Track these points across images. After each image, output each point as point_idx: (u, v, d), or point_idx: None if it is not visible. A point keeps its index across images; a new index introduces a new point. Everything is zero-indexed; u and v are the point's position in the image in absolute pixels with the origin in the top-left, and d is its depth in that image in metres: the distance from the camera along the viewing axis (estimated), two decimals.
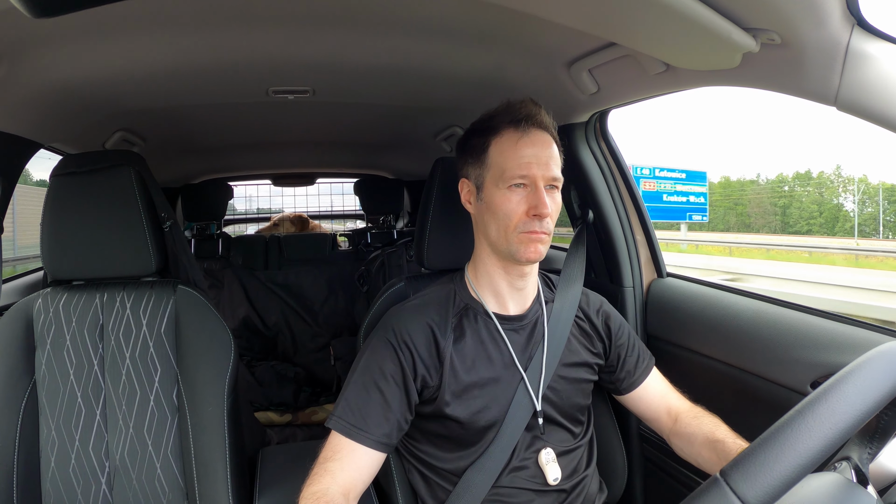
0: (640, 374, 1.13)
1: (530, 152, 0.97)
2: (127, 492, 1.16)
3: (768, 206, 54.76)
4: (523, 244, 0.97)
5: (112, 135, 1.73)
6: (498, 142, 1.00)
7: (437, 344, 1.00)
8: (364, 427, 0.94)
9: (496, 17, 1.09)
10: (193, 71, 1.31)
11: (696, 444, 1.03)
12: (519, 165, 0.96)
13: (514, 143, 0.98)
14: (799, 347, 1.06)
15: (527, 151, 0.97)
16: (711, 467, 0.99)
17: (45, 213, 1.18)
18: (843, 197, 51.40)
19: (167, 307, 1.21)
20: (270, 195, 4.18)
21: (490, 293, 1.06)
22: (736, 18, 0.82)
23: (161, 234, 1.25)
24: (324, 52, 1.24)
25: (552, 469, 1.01)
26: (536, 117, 1.00)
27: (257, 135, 2.22)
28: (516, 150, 0.97)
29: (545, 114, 1.02)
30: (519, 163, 0.96)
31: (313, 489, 0.87)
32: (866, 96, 0.78)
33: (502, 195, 0.97)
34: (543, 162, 0.97)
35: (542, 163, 0.97)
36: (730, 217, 55.99)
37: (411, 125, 2.07)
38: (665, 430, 1.11)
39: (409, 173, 3.06)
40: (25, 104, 1.24)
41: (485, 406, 1.00)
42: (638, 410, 1.15)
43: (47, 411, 1.15)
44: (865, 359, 0.55)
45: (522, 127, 0.98)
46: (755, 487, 0.47)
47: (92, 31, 1.05)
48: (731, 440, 0.97)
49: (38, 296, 1.20)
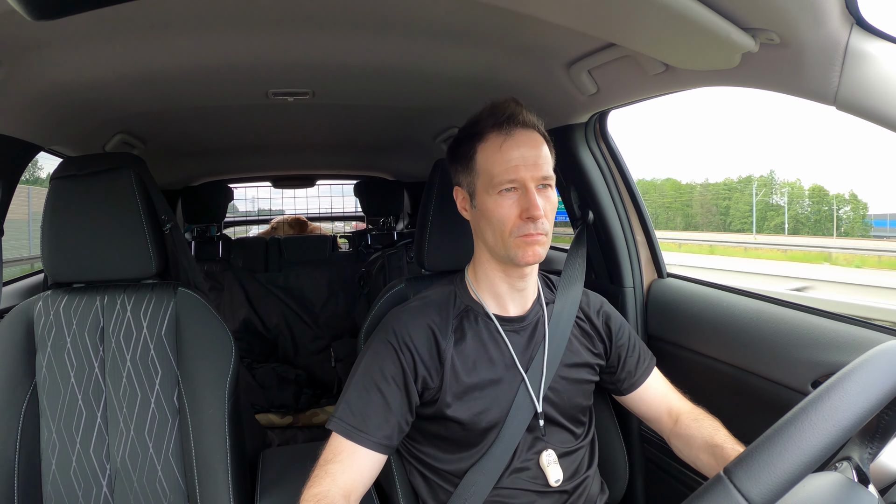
0: (640, 374, 1.13)
1: (516, 154, 0.95)
2: (128, 494, 1.16)
3: (712, 207, 60.32)
4: (520, 249, 0.96)
5: (112, 137, 1.74)
6: (483, 147, 0.98)
7: (437, 345, 1.00)
8: (365, 429, 0.94)
9: (496, 19, 1.09)
10: (193, 73, 1.32)
11: (695, 447, 1.03)
12: (506, 170, 0.95)
13: (499, 147, 0.96)
14: (800, 347, 1.06)
15: (513, 154, 0.95)
16: (709, 471, 0.99)
17: (45, 215, 1.18)
18: (774, 198, 57.10)
19: (168, 309, 1.21)
20: (270, 196, 4.19)
21: (490, 295, 1.06)
22: (735, 18, 0.82)
23: (161, 236, 1.26)
24: (323, 53, 1.25)
25: (554, 470, 1.01)
26: (519, 117, 0.98)
27: (257, 137, 2.22)
28: (502, 153, 0.96)
29: (528, 112, 1.00)
30: (506, 167, 0.95)
31: (314, 491, 0.87)
32: (866, 96, 0.78)
33: (494, 201, 0.96)
34: (531, 162, 0.96)
35: (530, 163, 0.95)
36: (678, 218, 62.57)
37: (411, 127, 2.07)
38: (666, 430, 1.11)
39: (409, 175, 3.07)
40: (25, 107, 1.24)
41: (486, 407, 1.00)
42: (639, 411, 1.15)
43: (48, 414, 1.15)
44: (867, 357, 0.55)
45: (506, 129, 0.97)
46: (759, 485, 0.47)
47: (92, 34, 1.05)
48: (730, 445, 0.97)
49: (39, 298, 1.20)
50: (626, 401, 1.15)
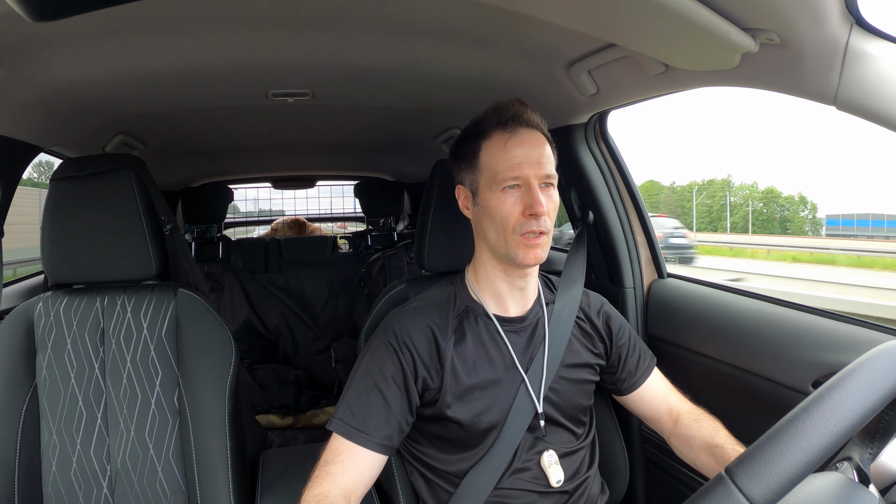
0: (641, 374, 1.13)
1: (520, 152, 0.96)
2: (128, 495, 1.15)
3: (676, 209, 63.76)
4: (521, 250, 0.96)
5: (112, 138, 1.74)
6: (487, 145, 0.99)
7: (437, 346, 1.00)
8: (365, 429, 0.94)
9: (495, 19, 1.09)
10: (193, 74, 1.32)
11: (695, 448, 1.03)
12: (510, 167, 0.96)
13: (504, 144, 0.97)
14: (800, 347, 1.06)
15: (517, 152, 0.96)
16: (709, 472, 0.99)
17: (45, 217, 1.18)
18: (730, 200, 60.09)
19: (168, 310, 1.21)
20: (271, 197, 4.19)
21: (490, 295, 1.06)
22: (735, 19, 0.82)
23: (161, 237, 1.26)
24: (323, 54, 1.25)
25: (555, 471, 1.01)
26: (524, 116, 0.99)
27: (257, 138, 2.22)
28: (506, 151, 0.97)
29: (533, 112, 1.01)
30: (510, 164, 0.96)
31: (315, 492, 0.87)
32: (865, 95, 0.78)
33: (497, 198, 0.97)
34: (535, 161, 0.96)
35: (534, 161, 0.96)
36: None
37: (411, 127, 2.07)
38: (666, 431, 1.11)
39: (409, 175, 3.07)
40: (25, 108, 1.24)
41: (486, 408, 1.00)
42: (639, 411, 1.15)
43: (48, 415, 1.15)
44: (867, 357, 0.55)
45: (510, 127, 0.98)
46: (760, 485, 0.47)
47: (92, 35, 1.05)
48: (730, 446, 0.97)
49: (39, 299, 1.20)
50: (626, 401, 1.15)
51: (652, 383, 1.13)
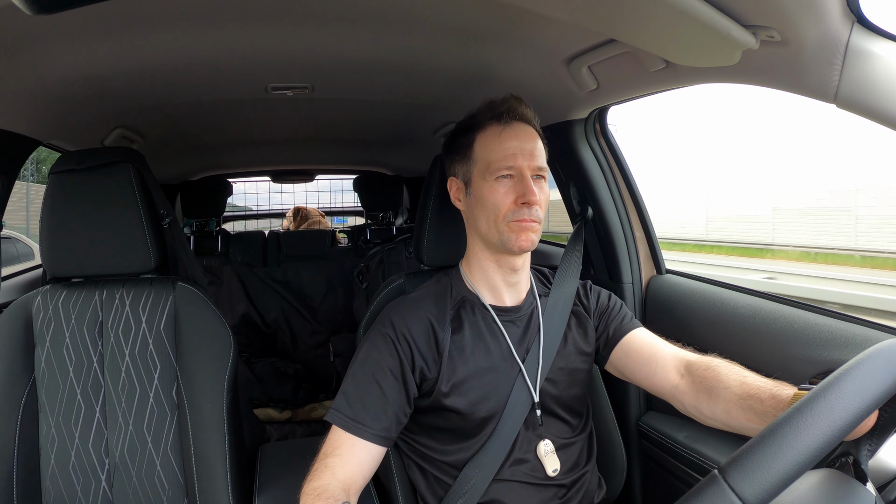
0: (626, 327, 1.09)
1: (514, 144, 0.99)
2: (127, 489, 1.16)
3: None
4: (514, 233, 0.98)
5: (111, 132, 1.73)
6: (482, 136, 1.02)
7: (435, 336, 1.01)
8: (363, 421, 0.94)
9: (495, 14, 1.09)
10: (193, 67, 1.31)
11: (723, 401, 0.88)
12: (504, 157, 0.99)
13: (498, 135, 1.01)
14: (797, 344, 1.07)
15: (511, 143, 0.99)
16: (750, 430, 0.84)
17: (44, 210, 1.18)
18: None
19: (166, 304, 1.21)
20: (270, 192, 4.18)
21: (485, 286, 1.08)
22: (736, 15, 0.81)
23: (160, 230, 1.25)
24: (323, 48, 1.24)
25: (551, 460, 1.01)
26: (518, 110, 1.02)
27: (256, 131, 2.22)
28: (500, 142, 1.00)
29: (526, 108, 1.04)
30: (504, 154, 0.99)
31: (314, 485, 0.88)
32: (866, 93, 0.78)
33: (490, 187, 0.99)
34: (528, 152, 1.00)
35: (527, 153, 0.99)
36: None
37: (411, 122, 2.07)
38: (669, 385, 0.99)
39: (409, 170, 3.06)
40: (24, 101, 1.24)
41: (483, 396, 1.00)
42: (629, 369, 1.07)
43: (47, 409, 1.15)
44: (864, 356, 0.55)
45: (504, 120, 1.01)
46: (753, 485, 0.48)
47: (91, 28, 1.05)
48: (768, 393, 0.81)
49: (38, 293, 1.20)
50: (616, 360, 1.09)
51: (640, 333, 1.08)
